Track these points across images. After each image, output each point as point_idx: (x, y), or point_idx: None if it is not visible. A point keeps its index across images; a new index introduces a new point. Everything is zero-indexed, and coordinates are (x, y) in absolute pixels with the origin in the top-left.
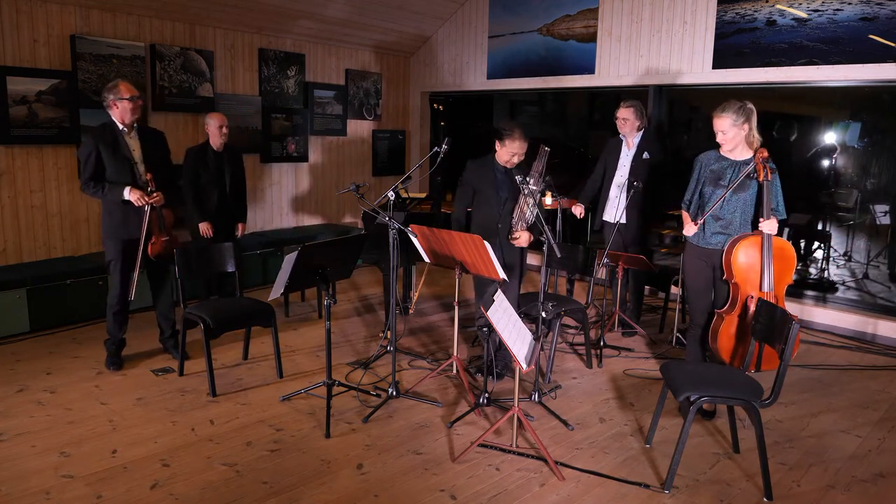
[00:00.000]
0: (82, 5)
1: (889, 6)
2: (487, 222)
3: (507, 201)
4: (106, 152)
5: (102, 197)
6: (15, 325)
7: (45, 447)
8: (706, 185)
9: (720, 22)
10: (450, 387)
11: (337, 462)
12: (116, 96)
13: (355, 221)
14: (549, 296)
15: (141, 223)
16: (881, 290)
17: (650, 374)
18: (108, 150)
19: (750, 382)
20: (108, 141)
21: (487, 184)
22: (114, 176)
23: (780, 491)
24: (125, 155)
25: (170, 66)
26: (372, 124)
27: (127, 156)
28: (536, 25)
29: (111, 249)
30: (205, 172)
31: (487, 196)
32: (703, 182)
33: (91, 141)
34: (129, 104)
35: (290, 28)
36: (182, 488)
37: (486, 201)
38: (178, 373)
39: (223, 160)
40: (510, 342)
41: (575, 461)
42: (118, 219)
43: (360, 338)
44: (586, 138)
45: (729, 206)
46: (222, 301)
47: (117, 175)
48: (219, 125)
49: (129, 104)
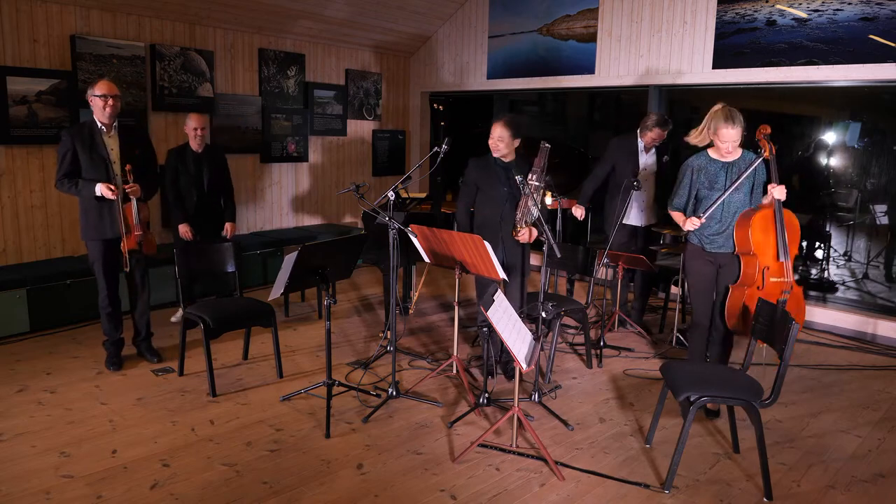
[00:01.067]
0: (82, 5)
1: (889, 6)
2: (490, 220)
3: (510, 198)
4: (82, 150)
5: (77, 193)
6: (15, 325)
7: (45, 447)
8: (703, 189)
9: (720, 22)
10: (450, 387)
11: (337, 462)
12: (91, 92)
13: (355, 221)
14: (549, 296)
15: (115, 221)
16: (881, 290)
17: (650, 374)
18: (84, 148)
19: (750, 382)
20: (85, 139)
21: (489, 181)
22: (89, 174)
23: (780, 491)
24: (101, 154)
25: (170, 66)
26: (372, 124)
27: (103, 155)
28: (536, 25)
29: (92, 250)
30: (184, 173)
31: (490, 194)
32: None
33: (68, 138)
34: (100, 101)
35: (290, 28)
36: (182, 488)
37: (488, 199)
38: (178, 373)
39: (202, 161)
40: (510, 342)
41: (575, 461)
42: (94, 219)
43: (360, 338)
44: (586, 138)
45: (728, 208)
46: (222, 301)
47: (93, 174)
48: (194, 127)
49: (101, 101)
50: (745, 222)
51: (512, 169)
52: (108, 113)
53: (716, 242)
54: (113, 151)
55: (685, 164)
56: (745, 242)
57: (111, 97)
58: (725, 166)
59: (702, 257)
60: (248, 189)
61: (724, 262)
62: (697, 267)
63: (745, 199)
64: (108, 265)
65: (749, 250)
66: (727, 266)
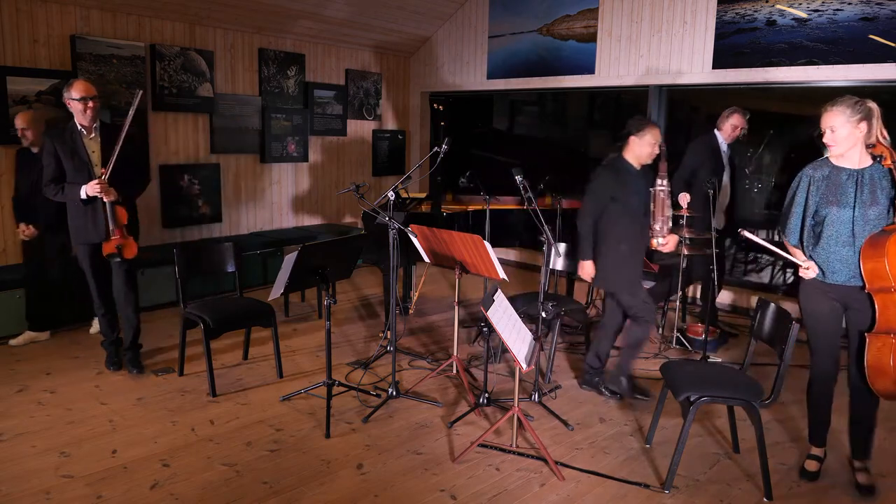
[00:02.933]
0: (82, 5)
1: (889, 6)
2: (632, 233)
3: (645, 205)
4: (64, 155)
5: (64, 198)
6: (15, 326)
7: (45, 447)
8: (822, 205)
9: (720, 22)
10: (450, 387)
11: (337, 462)
12: (69, 95)
13: (355, 221)
14: (549, 296)
15: (98, 226)
16: None
17: (650, 374)
18: (66, 152)
19: (750, 382)
20: (65, 143)
21: (627, 189)
22: (73, 178)
23: (780, 491)
24: (83, 158)
25: (170, 66)
26: (372, 124)
27: (85, 159)
28: (536, 25)
29: (80, 254)
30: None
31: (628, 204)
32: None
33: (50, 143)
34: (79, 105)
35: (290, 28)
36: (182, 488)
37: (625, 210)
38: (178, 373)
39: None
40: (510, 342)
41: (575, 461)
42: (79, 223)
43: (360, 338)
44: (586, 138)
45: (863, 227)
46: (222, 301)
47: (76, 178)
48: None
49: (80, 105)
50: (875, 251)
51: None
52: (90, 116)
53: (841, 272)
54: (94, 154)
55: (799, 176)
56: (879, 276)
57: (90, 99)
58: (853, 175)
59: (821, 292)
60: (247, 189)
61: (852, 299)
62: (815, 304)
63: (883, 214)
64: (96, 268)
65: (890, 286)
66: (856, 306)
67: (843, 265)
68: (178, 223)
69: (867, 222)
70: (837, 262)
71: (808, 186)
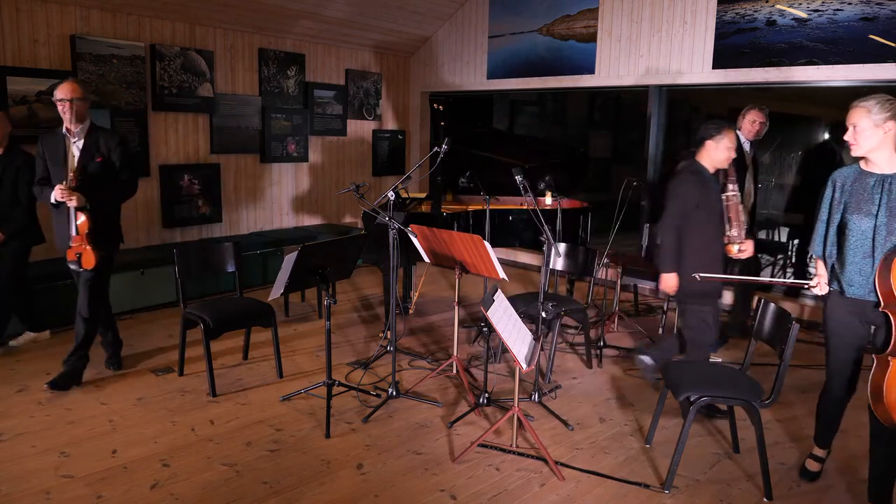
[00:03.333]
0: (82, 5)
1: (889, 6)
2: (714, 242)
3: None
4: (49, 158)
5: (42, 200)
6: (15, 325)
7: (45, 447)
8: (847, 213)
9: (720, 22)
10: (450, 387)
11: (337, 462)
12: (54, 96)
13: (355, 221)
14: (549, 296)
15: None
16: None
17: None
18: (51, 156)
19: (750, 382)
20: (52, 146)
21: (709, 196)
22: (54, 181)
23: (780, 491)
24: (62, 161)
25: (170, 66)
26: (372, 124)
27: (62, 162)
28: (536, 25)
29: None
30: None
31: (710, 212)
32: (843, 210)
33: (40, 146)
34: (58, 106)
35: (290, 28)
36: (182, 488)
37: (707, 219)
38: (178, 373)
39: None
40: (510, 342)
41: (575, 461)
42: (55, 230)
43: (360, 338)
44: (586, 138)
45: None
46: (222, 301)
47: (56, 181)
48: None
49: (58, 106)
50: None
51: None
52: (68, 118)
53: (860, 286)
54: (73, 158)
55: (831, 177)
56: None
57: (67, 101)
58: (880, 181)
59: (843, 307)
60: (247, 189)
61: (873, 315)
62: (837, 320)
63: None
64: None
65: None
66: (878, 322)
67: (862, 277)
68: (178, 223)
69: (891, 233)
70: (856, 274)
71: (833, 193)
